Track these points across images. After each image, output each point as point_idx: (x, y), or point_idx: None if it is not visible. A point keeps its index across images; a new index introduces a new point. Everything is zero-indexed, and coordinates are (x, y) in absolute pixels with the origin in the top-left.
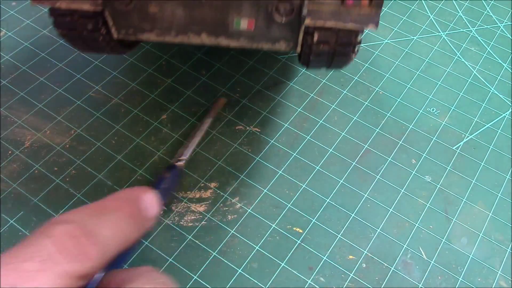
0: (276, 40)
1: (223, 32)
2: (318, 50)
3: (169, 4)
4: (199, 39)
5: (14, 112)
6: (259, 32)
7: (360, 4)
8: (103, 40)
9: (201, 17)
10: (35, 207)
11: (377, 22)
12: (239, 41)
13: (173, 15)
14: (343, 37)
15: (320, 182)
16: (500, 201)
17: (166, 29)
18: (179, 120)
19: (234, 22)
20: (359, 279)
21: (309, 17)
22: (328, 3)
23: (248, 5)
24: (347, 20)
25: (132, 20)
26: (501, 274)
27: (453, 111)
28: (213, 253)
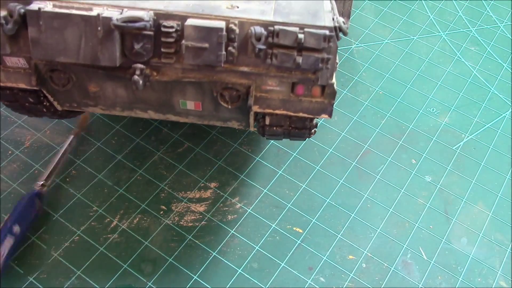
0: (227, 120)
1: (170, 111)
2: (272, 131)
3: (109, 84)
4: (147, 114)
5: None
6: (208, 112)
7: (311, 94)
8: (48, 111)
9: (145, 98)
10: None
11: (330, 112)
12: (188, 118)
13: (115, 94)
14: (297, 121)
15: (320, 182)
16: (500, 201)
17: (111, 105)
18: None
19: (180, 103)
20: (359, 279)
21: (257, 105)
22: (277, 91)
23: (192, 90)
24: (297, 108)
25: (74, 96)
26: (501, 274)
27: (453, 111)
28: (213, 253)
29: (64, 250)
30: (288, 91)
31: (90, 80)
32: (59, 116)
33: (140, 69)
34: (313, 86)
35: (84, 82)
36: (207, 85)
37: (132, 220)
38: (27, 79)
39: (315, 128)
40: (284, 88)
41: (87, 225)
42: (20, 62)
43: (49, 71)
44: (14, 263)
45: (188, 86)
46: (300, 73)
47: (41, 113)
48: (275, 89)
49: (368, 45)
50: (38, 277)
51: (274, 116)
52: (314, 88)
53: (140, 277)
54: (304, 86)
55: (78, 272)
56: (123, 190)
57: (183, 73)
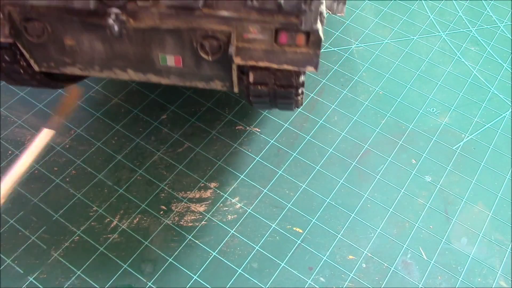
0: (210, 78)
1: (150, 69)
2: (256, 91)
3: (86, 37)
4: (126, 75)
5: (14, 112)
6: (189, 70)
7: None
8: (26, 73)
9: (123, 52)
10: (35, 207)
11: (316, 63)
12: (169, 78)
13: (92, 48)
14: (282, 78)
15: (320, 182)
16: (500, 201)
17: (89, 63)
18: (179, 120)
19: (160, 58)
20: (359, 279)
21: (239, 56)
22: (260, 40)
23: (171, 41)
24: (282, 60)
25: (50, 52)
26: (501, 274)
27: (453, 111)
28: (213, 253)
29: (64, 250)
30: (271, 40)
31: (66, 31)
32: (39, 83)
33: (116, 13)
34: (297, 33)
35: (60, 33)
36: (186, 35)
37: (132, 220)
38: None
39: (302, 88)
40: (266, 37)
41: (87, 225)
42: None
43: (23, 21)
44: (14, 263)
45: (167, 36)
46: (283, 17)
47: (19, 76)
48: (257, 38)
49: (368, 45)
50: (38, 277)
51: (258, 72)
52: (298, 36)
53: (140, 277)
54: (288, 33)
55: (78, 272)
56: (123, 190)
57: (160, 19)
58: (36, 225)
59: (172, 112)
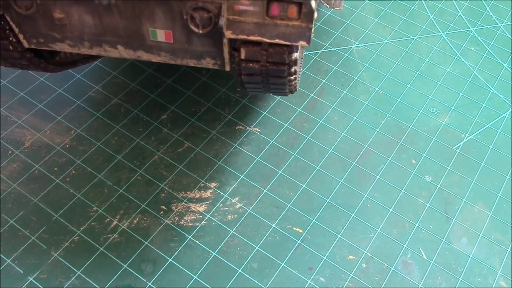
0: (201, 56)
1: (140, 45)
2: (248, 69)
3: (75, 9)
4: (117, 52)
5: (14, 112)
6: (180, 46)
7: (287, 15)
8: (15, 50)
9: (113, 26)
10: (35, 207)
11: (308, 37)
12: (160, 56)
13: (81, 22)
14: (274, 54)
15: (320, 182)
16: (500, 201)
17: (78, 39)
18: (179, 120)
19: (150, 33)
20: (359, 279)
21: (230, 30)
22: (251, 12)
23: (161, 14)
24: (273, 34)
25: (39, 26)
26: (501, 274)
27: (453, 111)
28: (213, 253)
29: (64, 250)
30: (262, 12)
31: (55, 3)
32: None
33: None
34: (289, 4)
35: (49, 6)
36: (177, 7)
37: (132, 220)
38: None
39: (295, 66)
40: (258, 8)
41: (87, 225)
42: None
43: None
44: (14, 263)
45: (156, 9)
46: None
47: (8, 54)
48: (249, 10)
49: (368, 45)
50: (38, 277)
51: (249, 48)
52: (290, 7)
53: (140, 277)
54: (280, 5)
55: (78, 272)
56: (123, 190)
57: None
58: (36, 225)
59: (172, 112)
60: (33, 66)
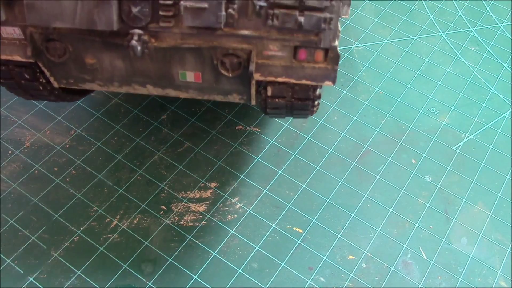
0: (228, 92)
1: (169, 84)
2: (274, 104)
3: (106, 55)
4: (145, 90)
5: (14, 112)
6: (208, 84)
7: (314, 59)
8: (45, 89)
9: (143, 69)
10: (35, 207)
11: (334, 78)
12: (188, 92)
13: (112, 66)
14: (300, 91)
15: (320, 182)
16: (500, 201)
17: (108, 80)
18: (179, 120)
19: (180, 75)
20: (359, 279)
21: (258, 72)
22: (279, 57)
23: (191, 58)
24: (300, 75)
25: (70, 70)
26: (501, 274)
27: (453, 111)
28: (213, 253)
29: (64, 250)
30: (290, 57)
31: (87, 50)
32: (56, 97)
33: (138, 34)
34: (316, 50)
35: (81, 53)
36: (207, 52)
37: (132, 220)
38: (22, 51)
39: (318, 99)
40: (286, 53)
41: (87, 225)
42: (15, 33)
43: (44, 42)
44: (14, 263)
45: (187, 54)
46: (302, 35)
47: (38, 92)
48: (277, 55)
49: (368, 45)
50: (38, 277)
51: (276, 86)
52: (317, 52)
53: (140, 277)
54: (307, 50)
55: (78, 272)
56: (123, 190)
57: (182, 38)
58: (36, 225)
59: (172, 112)
60: (59, 99)
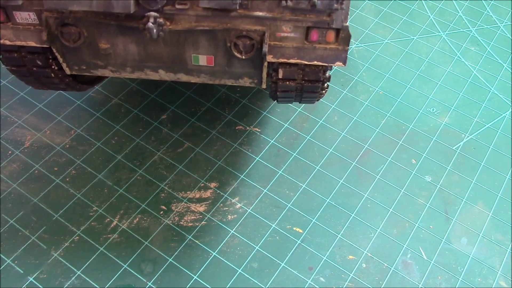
0: (239, 76)
1: (181, 69)
2: (284, 86)
3: (121, 39)
4: (157, 75)
5: (14, 112)
6: (220, 68)
7: (326, 40)
8: (56, 76)
9: (156, 54)
10: (35, 207)
11: (345, 58)
12: (200, 77)
13: (126, 51)
14: (310, 73)
15: (320, 182)
16: (500, 201)
17: (121, 65)
18: (179, 120)
19: (192, 58)
20: (359, 279)
21: (271, 54)
22: (291, 38)
23: (205, 41)
24: (312, 56)
25: (83, 56)
26: (501, 274)
27: (453, 111)
28: (213, 253)
29: (64, 250)
30: (302, 38)
31: (101, 35)
32: (67, 85)
33: (154, 17)
34: (328, 30)
35: (95, 37)
36: (221, 35)
37: (132, 220)
38: (37, 36)
39: (328, 82)
40: (298, 35)
41: (87, 225)
42: (30, 18)
43: (59, 26)
44: (14, 263)
45: (201, 37)
46: (315, 15)
47: (49, 80)
48: (290, 36)
49: (368, 45)
50: (38, 277)
51: (287, 68)
52: (329, 33)
53: (140, 277)
54: (319, 31)
55: (78, 272)
56: (123, 190)
57: (196, 21)
58: (36, 225)
59: (172, 112)
60: (69, 88)
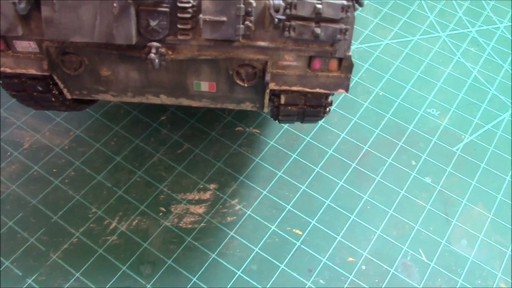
0: (241, 101)
1: (183, 94)
2: (286, 111)
3: (122, 67)
4: (159, 99)
5: (13, 113)
6: (222, 94)
7: (328, 68)
8: (57, 100)
9: (158, 80)
10: (34, 208)
11: (347, 86)
12: (201, 102)
13: (127, 78)
14: (312, 99)
15: (319, 184)
16: (500, 203)
17: (122, 90)
18: (178, 121)
19: (194, 85)
20: (358, 281)
21: (273, 82)
22: (294, 66)
23: (207, 69)
24: (314, 84)
25: (85, 82)
26: (501, 276)
27: (453, 112)
28: (212, 255)
29: (63, 252)
30: (305, 66)
31: (103, 63)
32: (67, 107)
33: (156, 47)
34: (330, 59)
35: (96, 65)
36: (223, 63)
37: (131, 222)
38: (37, 64)
39: (330, 106)
40: (301, 63)
41: (86, 227)
42: (31, 46)
43: (60, 55)
44: (13, 265)
45: (203, 65)
46: (318, 45)
47: (49, 103)
48: (292, 65)
49: (368, 46)
50: (36, 279)
51: (289, 94)
52: (331, 62)
53: (139, 279)
54: (321, 60)
55: (77, 274)
56: (122, 192)
57: (199, 50)
58: (35, 227)
59: (171, 113)
60: (69, 109)
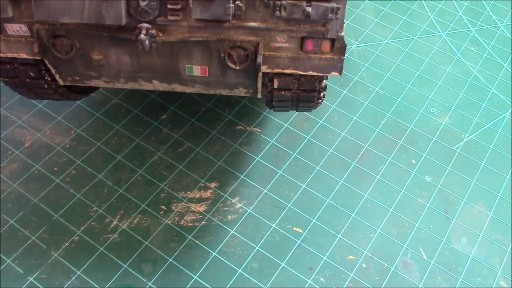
0: (234, 86)
1: (175, 79)
2: (280, 96)
3: (113, 51)
4: (151, 85)
5: (14, 112)
6: (214, 78)
7: (321, 50)
8: (49, 87)
9: (150, 64)
10: (35, 207)
11: (340, 68)
12: (194, 87)
13: (119, 62)
14: (306, 83)
15: (320, 182)
16: (500, 201)
17: (114, 76)
18: (179, 120)
19: (186, 69)
20: (359, 279)
21: (266, 64)
22: (286, 48)
23: (198, 52)
24: (307, 66)
25: (76, 67)
26: (501, 274)
27: (453, 111)
28: (213, 253)
29: (64, 250)
30: (297, 48)
31: (94, 46)
32: (61, 96)
33: (146, 28)
34: (323, 40)
35: (88, 49)
36: (214, 45)
37: (132, 220)
38: (28, 48)
39: (324, 91)
40: (293, 45)
41: (87, 225)
42: (21, 30)
43: (51, 38)
44: (14, 263)
45: (194, 48)
46: (309, 25)
47: (42, 91)
48: (284, 46)
49: (368, 45)
50: (38, 277)
51: (282, 78)
52: (324, 43)
53: (140, 277)
54: (314, 41)
55: (78, 272)
56: (123, 190)
57: (189, 32)
58: (36, 225)
59: (172, 112)
60: (63, 98)
